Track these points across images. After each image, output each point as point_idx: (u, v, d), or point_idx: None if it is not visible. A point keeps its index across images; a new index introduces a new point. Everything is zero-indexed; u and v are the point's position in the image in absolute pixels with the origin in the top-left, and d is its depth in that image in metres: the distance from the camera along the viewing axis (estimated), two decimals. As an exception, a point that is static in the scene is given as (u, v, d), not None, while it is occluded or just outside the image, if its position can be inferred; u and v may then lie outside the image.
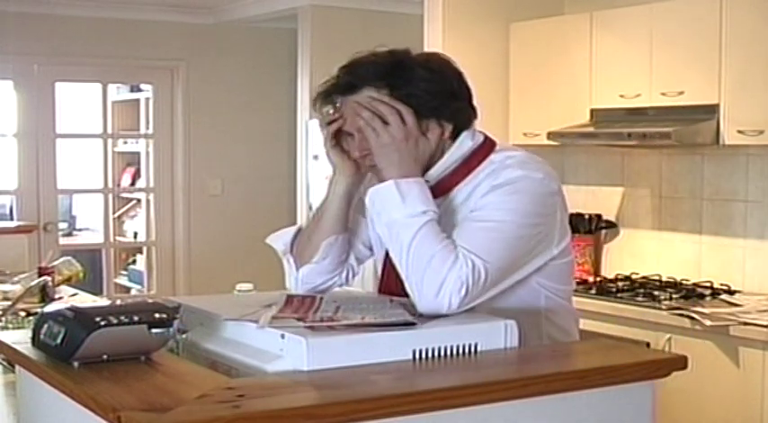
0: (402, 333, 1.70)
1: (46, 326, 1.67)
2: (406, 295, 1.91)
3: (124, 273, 7.52)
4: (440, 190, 2.02)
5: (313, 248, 2.13)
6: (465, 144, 2.03)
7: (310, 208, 5.80)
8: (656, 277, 4.38)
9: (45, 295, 3.65)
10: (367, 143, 1.97)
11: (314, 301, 1.89)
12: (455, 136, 2.03)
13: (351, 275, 2.21)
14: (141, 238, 7.25)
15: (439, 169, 2.02)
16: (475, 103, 2.07)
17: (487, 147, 2.05)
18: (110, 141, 7.04)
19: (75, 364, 1.60)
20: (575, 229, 4.18)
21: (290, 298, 1.91)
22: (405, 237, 1.86)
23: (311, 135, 5.91)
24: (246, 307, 1.84)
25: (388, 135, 1.92)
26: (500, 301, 1.95)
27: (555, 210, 2.00)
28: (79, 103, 7.76)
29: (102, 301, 3.91)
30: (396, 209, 1.89)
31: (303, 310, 1.80)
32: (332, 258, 2.14)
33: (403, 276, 1.89)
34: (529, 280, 2.02)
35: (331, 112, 2.04)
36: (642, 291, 4.13)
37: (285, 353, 1.62)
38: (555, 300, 2.07)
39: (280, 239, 2.22)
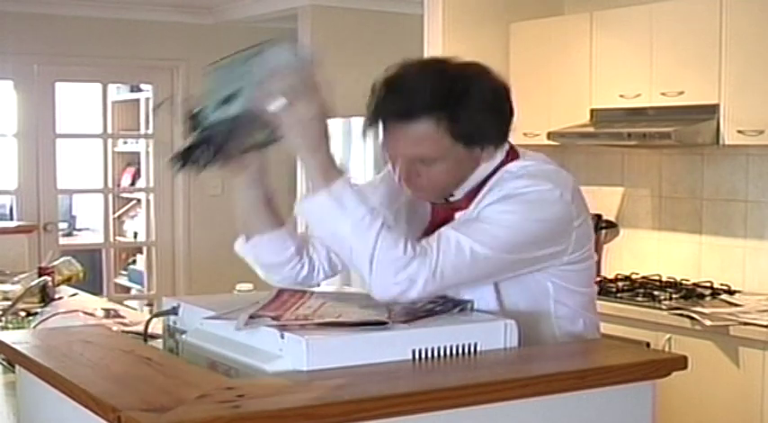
0: (402, 333, 1.70)
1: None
2: None
3: (124, 273, 7.52)
4: (467, 201, 2.00)
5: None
6: (497, 158, 2.01)
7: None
8: (656, 277, 4.38)
9: (45, 295, 3.64)
10: (414, 168, 1.91)
11: (303, 296, 1.89)
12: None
13: (317, 271, 2.14)
14: (141, 238, 7.24)
15: (470, 183, 2.00)
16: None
17: (511, 157, 2.03)
18: (110, 141, 7.04)
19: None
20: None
21: (280, 293, 1.91)
22: (362, 248, 1.78)
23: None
24: (245, 306, 1.84)
25: (306, 109, 1.78)
26: (511, 306, 1.96)
27: (559, 217, 1.96)
28: (79, 103, 7.76)
29: (102, 301, 3.90)
30: (339, 220, 1.78)
31: (284, 308, 1.80)
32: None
33: (360, 272, 1.83)
34: (540, 285, 2.00)
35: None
36: (642, 291, 4.13)
37: (285, 353, 1.62)
38: (569, 306, 2.04)
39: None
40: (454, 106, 1.88)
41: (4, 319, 3.29)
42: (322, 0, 6.08)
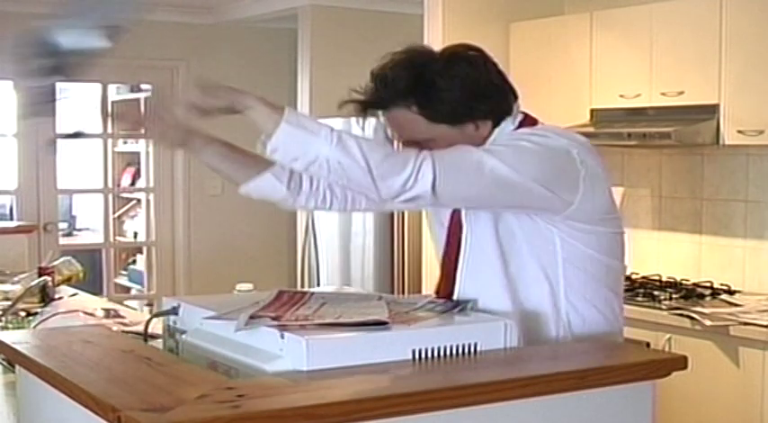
0: (402, 333, 1.70)
1: None
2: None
3: (124, 273, 7.52)
4: None
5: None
6: (506, 129, 2.06)
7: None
8: (656, 277, 4.38)
9: (45, 295, 3.64)
10: (414, 147, 1.94)
11: (303, 296, 1.89)
12: (496, 123, 2.05)
13: (330, 201, 2.19)
14: (141, 238, 7.24)
15: None
16: (513, 84, 2.08)
17: (527, 125, 2.07)
18: (110, 141, 7.04)
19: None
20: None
21: (280, 293, 1.91)
22: (351, 158, 1.79)
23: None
24: (245, 307, 1.84)
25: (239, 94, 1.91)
26: (519, 293, 2.00)
27: (565, 162, 1.97)
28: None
29: (102, 301, 3.90)
30: (313, 143, 1.80)
31: (284, 309, 1.80)
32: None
33: (360, 184, 1.84)
34: (548, 242, 2.01)
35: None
36: (642, 291, 4.13)
37: (285, 353, 1.62)
38: (582, 270, 2.03)
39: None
40: (422, 93, 1.96)
41: (4, 319, 3.29)
42: (322, 0, 6.08)
